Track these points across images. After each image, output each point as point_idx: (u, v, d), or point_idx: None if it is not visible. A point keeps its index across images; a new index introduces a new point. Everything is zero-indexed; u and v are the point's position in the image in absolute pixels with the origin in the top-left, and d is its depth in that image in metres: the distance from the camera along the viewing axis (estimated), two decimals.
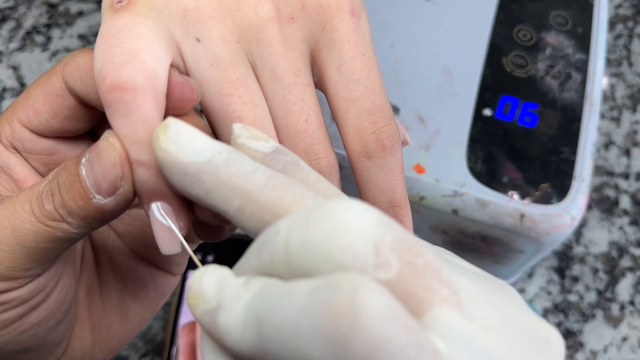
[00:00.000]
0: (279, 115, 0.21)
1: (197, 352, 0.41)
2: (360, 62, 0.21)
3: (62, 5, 0.55)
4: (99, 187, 0.18)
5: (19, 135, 0.22)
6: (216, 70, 0.20)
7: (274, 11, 0.20)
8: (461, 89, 0.38)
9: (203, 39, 0.20)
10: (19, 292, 0.20)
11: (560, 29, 0.41)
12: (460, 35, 0.40)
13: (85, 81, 0.20)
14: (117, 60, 0.18)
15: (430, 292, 0.14)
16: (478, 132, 0.37)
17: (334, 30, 0.21)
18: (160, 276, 0.26)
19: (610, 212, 0.49)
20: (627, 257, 0.48)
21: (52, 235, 0.19)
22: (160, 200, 0.18)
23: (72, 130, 0.22)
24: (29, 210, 0.19)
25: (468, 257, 0.43)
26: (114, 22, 0.19)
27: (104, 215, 0.19)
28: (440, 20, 0.41)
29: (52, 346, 0.23)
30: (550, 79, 0.39)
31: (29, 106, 0.21)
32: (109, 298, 0.25)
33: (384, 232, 0.14)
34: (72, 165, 0.19)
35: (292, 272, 0.14)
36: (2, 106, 0.50)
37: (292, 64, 0.21)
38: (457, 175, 0.36)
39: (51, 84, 0.21)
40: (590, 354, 0.45)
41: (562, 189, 0.35)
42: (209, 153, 0.16)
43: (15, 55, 0.52)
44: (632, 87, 0.55)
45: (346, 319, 0.12)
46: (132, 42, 0.18)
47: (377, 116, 0.21)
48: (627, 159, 0.52)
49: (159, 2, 0.19)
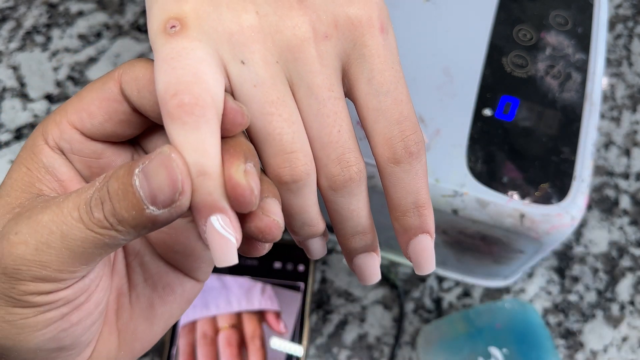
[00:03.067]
0: (314, 128, 0.22)
1: (197, 352, 0.41)
2: (389, 75, 0.23)
3: (62, 5, 0.55)
4: (154, 199, 0.19)
5: (68, 136, 0.23)
6: (259, 91, 0.21)
7: (310, 31, 0.22)
8: (461, 89, 0.38)
9: (247, 61, 0.21)
10: (65, 293, 0.21)
11: (560, 29, 0.41)
12: (460, 35, 0.40)
13: (141, 93, 0.22)
14: (184, 80, 0.20)
15: None
16: (478, 132, 0.37)
17: (365, 45, 0.23)
18: (187, 282, 0.27)
19: (610, 212, 0.50)
20: (627, 257, 0.48)
21: (100, 242, 0.19)
22: (219, 213, 0.19)
23: (122, 135, 0.23)
24: (77, 217, 0.19)
25: (468, 257, 0.43)
26: (171, 46, 0.20)
27: (155, 225, 0.19)
28: (440, 20, 0.41)
29: (83, 347, 0.23)
30: (550, 79, 0.39)
31: (83, 109, 0.22)
32: (137, 302, 0.25)
33: None
34: (123, 175, 0.19)
35: None
36: (2, 106, 0.50)
37: (326, 80, 0.22)
38: (457, 175, 0.36)
39: (108, 89, 0.22)
40: (590, 354, 0.45)
41: (562, 189, 0.35)
42: None
43: (15, 55, 0.52)
44: (632, 87, 0.55)
45: None
46: (194, 65, 0.20)
47: (404, 125, 0.22)
48: (627, 159, 0.52)
49: (208, 27, 0.21)
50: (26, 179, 0.22)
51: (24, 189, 0.22)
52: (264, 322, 0.43)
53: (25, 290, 0.20)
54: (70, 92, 0.51)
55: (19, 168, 0.23)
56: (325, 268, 0.46)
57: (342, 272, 0.46)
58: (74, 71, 0.52)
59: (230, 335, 0.42)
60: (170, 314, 0.26)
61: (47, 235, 0.19)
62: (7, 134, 0.49)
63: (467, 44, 0.40)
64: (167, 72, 0.20)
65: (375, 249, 0.24)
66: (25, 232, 0.20)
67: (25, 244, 0.19)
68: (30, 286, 0.20)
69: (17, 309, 0.20)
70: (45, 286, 0.20)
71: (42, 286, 0.20)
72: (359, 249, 0.24)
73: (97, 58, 0.52)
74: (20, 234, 0.20)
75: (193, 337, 0.42)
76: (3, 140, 0.49)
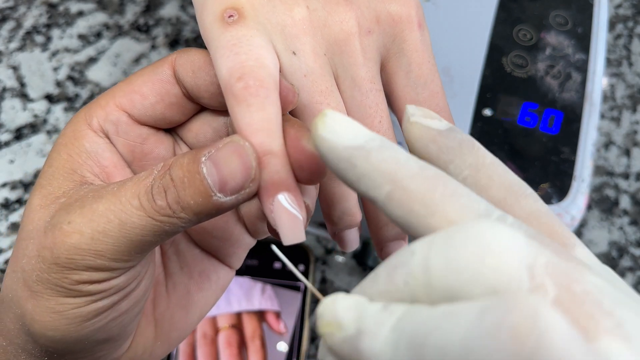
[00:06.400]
0: (356, 118, 0.23)
1: (197, 352, 0.41)
2: (426, 68, 0.24)
3: (62, 5, 0.55)
4: (223, 186, 0.19)
5: (115, 118, 0.23)
6: (308, 81, 0.22)
7: (356, 26, 0.23)
8: (461, 89, 0.38)
9: (298, 52, 0.22)
10: (117, 281, 0.21)
11: (560, 29, 0.41)
12: (460, 35, 0.40)
13: (197, 74, 0.22)
14: (248, 64, 0.20)
15: (593, 321, 0.13)
16: (478, 132, 0.37)
17: (404, 40, 0.24)
18: (221, 269, 0.27)
19: (610, 212, 0.50)
20: (627, 257, 0.48)
21: (160, 229, 0.20)
22: (286, 191, 0.19)
23: (170, 119, 0.24)
24: (138, 205, 0.19)
25: None
26: (231, 34, 0.21)
27: (219, 211, 0.20)
28: (440, 20, 0.41)
29: (127, 337, 0.24)
30: (550, 79, 0.39)
31: (134, 91, 0.23)
32: (174, 291, 0.26)
33: (536, 255, 0.14)
34: (188, 163, 0.19)
35: (434, 295, 0.14)
36: (2, 106, 0.50)
37: (369, 73, 0.23)
38: None
39: (162, 71, 0.23)
40: None
41: (562, 189, 0.35)
42: (362, 139, 0.17)
43: (15, 55, 0.52)
44: (632, 87, 0.55)
45: (531, 338, 0.12)
46: (256, 51, 0.21)
47: (440, 116, 0.23)
48: (627, 159, 0.52)
49: (262, 17, 0.22)
50: (68, 165, 0.22)
51: (65, 176, 0.22)
52: (264, 322, 0.43)
53: (78, 280, 0.20)
54: (70, 92, 0.51)
55: (59, 155, 0.22)
56: (325, 268, 0.46)
57: (342, 272, 0.46)
58: (74, 71, 0.52)
59: (230, 335, 0.42)
60: (205, 302, 0.26)
61: (104, 224, 0.19)
62: (7, 134, 0.49)
63: (467, 44, 0.40)
64: (229, 57, 0.21)
65: (404, 238, 0.25)
66: (79, 221, 0.20)
67: (80, 233, 0.19)
68: (84, 275, 0.20)
69: (68, 298, 0.20)
70: (99, 275, 0.20)
71: (95, 275, 0.20)
72: (390, 237, 0.25)
73: (97, 58, 0.52)
74: (74, 224, 0.20)
75: (193, 337, 0.42)
76: (3, 140, 0.49)
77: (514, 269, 0.13)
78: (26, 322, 0.21)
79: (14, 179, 0.47)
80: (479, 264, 0.13)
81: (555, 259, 0.14)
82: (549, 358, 0.12)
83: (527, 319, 0.12)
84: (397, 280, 0.15)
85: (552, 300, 0.13)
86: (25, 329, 0.21)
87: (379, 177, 0.16)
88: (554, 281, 0.13)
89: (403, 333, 0.14)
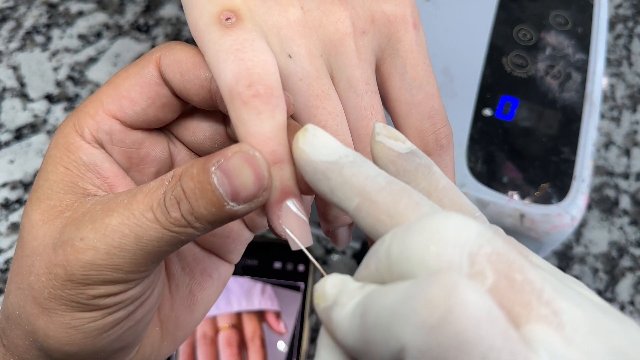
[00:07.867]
0: (351, 120, 0.23)
1: (197, 352, 0.41)
2: (421, 69, 0.24)
3: (62, 5, 0.55)
4: (235, 196, 0.19)
5: (107, 127, 0.22)
6: (304, 84, 0.22)
7: (351, 27, 0.23)
8: (461, 89, 0.38)
9: (294, 54, 0.22)
10: (133, 292, 0.21)
11: (560, 29, 0.41)
12: (460, 35, 0.40)
13: (185, 76, 0.22)
14: (256, 71, 0.20)
15: (527, 308, 0.14)
16: (478, 132, 0.37)
17: (399, 41, 0.24)
18: (222, 265, 0.27)
19: (610, 212, 0.49)
20: (627, 257, 0.48)
21: (176, 240, 0.20)
22: (293, 197, 0.20)
23: (163, 119, 0.23)
24: (152, 218, 0.19)
25: None
26: (232, 38, 0.20)
27: (233, 219, 0.20)
28: (440, 20, 0.41)
29: (139, 342, 0.24)
30: (550, 79, 0.39)
31: (122, 97, 0.22)
32: (177, 291, 0.26)
33: (482, 244, 0.15)
34: (198, 173, 0.19)
35: (394, 278, 0.16)
36: (2, 106, 0.50)
37: (364, 74, 0.23)
38: (457, 175, 0.36)
39: (148, 73, 0.22)
40: None
41: (562, 189, 0.35)
42: (337, 155, 0.18)
43: (15, 55, 0.52)
44: (632, 87, 0.55)
45: (440, 307, 0.13)
46: (261, 57, 0.20)
47: (436, 118, 0.24)
48: (627, 159, 0.52)
49: (259, 19, 0.22)
50: (67, 179, 0.22)
51: (66, 190, 0.22)
52: (264, 322, 0.43)
53: (94, 294, 0.20)
54: (70, 92, 0.51)
55: (56, 169, 0.22)
56: (325, 268, 0.46)
57: (342, 271, 0.46)
58: (73, 71, 0.52)
59: (230, 335, 0.42)
60: (209, 299, 0.27)
61: (119, 238, 0.19)
62: (7, 134, 0.49)
63: (467, 44, 0.40)
64: (234, 62, 0.20)
65: None
66: (92, 237, 0.19)
67: (95, 249, 0.19)
68: (101, 289, 0.20)
69: (84, 313, 0.20)
70: (116, 287, 0.20)
71: (112, 288, 0.20)
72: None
73: (97, 58, 0.52)
74: (87, 240, 0.19)
75: (193, 337, 0.42)
76: (3, 140, 0.49)
77: (455, 256, 0.14)
78: (38, 339, 0.21)
79: (14, 179, 0.47)
80: (424, 251, 0.15)
81: (505, 250, 0.15)
82: (458, 329, 0.13)
83: (443, 290, 0.13)
84: (371, 265, 0.16)
85: (489, 286, 0.14)
86: (37, 345, 0.21)
87: (349, 190, 0.17)
88: (495, 268, 0.14)
89: (360, 304, 0.16)
